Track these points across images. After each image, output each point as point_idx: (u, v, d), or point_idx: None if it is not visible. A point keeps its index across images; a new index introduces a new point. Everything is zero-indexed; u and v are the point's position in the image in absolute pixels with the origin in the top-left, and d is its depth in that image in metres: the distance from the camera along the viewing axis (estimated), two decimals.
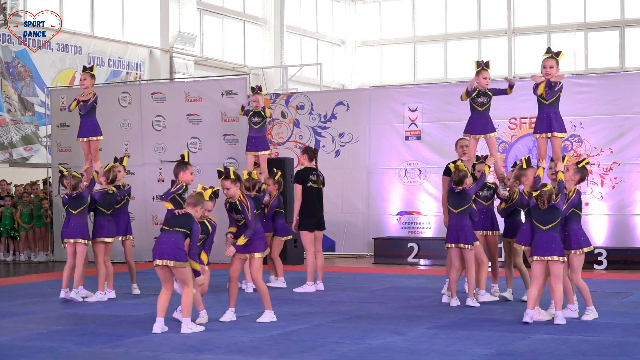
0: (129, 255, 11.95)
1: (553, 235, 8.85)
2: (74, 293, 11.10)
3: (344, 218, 17.66)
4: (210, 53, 27.95)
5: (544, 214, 8.86)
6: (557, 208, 8.86)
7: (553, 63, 9.95)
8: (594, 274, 14.34)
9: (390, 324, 8.96)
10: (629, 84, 15.90)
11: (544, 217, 8.87)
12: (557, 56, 10.02)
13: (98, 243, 11.38)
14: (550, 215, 8.85)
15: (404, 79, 31.98)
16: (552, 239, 8.83)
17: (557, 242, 8.85)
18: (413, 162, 17.22)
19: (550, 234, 8.84)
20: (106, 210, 11.47)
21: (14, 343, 8.15)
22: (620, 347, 7.63)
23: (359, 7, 34.14)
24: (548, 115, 9.86)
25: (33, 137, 21.46)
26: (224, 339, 8.19)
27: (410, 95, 17.45)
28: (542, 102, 9.97)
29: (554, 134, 9.83)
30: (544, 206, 8.83)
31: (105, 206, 11.45)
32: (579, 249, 9.03)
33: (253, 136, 13.80)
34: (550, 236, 8.84)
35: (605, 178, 15.75)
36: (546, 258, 8.81)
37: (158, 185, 16.95)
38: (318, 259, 12.25)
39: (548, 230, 8.85)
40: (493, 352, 7.46)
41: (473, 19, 32.38)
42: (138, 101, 17.39)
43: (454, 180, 10.15)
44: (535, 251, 8.88)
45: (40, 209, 18.18)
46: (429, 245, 16.24)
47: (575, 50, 30.67)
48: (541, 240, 8.86)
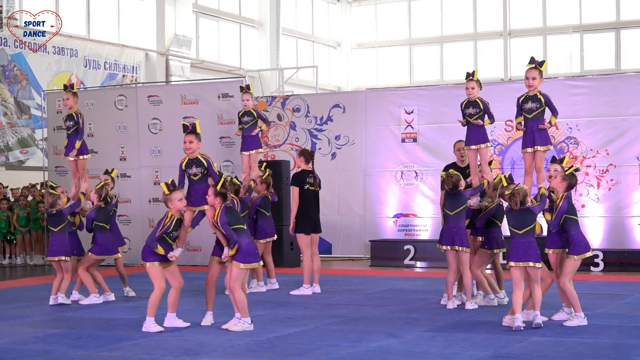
0: (119, 265, 11.96)
1: (529, 240, 8.70)
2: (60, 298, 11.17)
3: (340, 220, 17.66)
4: (206, 56, 27.94)
5: (519, 218, 8.73)
6: (532, 212, 8.74)
7: (536, 74, 9.86)
8: (591, 276, 14.34)
9: (387, 327, 8.96)
10: (625, 86, 15.92)
11: (518, 220, 8.74)
12: (540, 66, 9.89)
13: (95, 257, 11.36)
14: (525, 219, 8.72)
15: (400, 81, 31.99)
16: (529, 243, 8.69)
17: (533, 247, 8.69)
18: (409, 164, 17.22)
19: (526, 239, 8.70)
20: (105, 225, 11.44)
21: (11, 346, 8.15)
22: (616, 350, 7.64)
23: (355, 9, 34.16)
24: (532, 129, 9.86)
25: (29, 140, 21.44)
26: (221, 342, 8.19)
27: (406, 98, 17.46)
28: (526, 115, 9.93)
29: (537, 148, 9.88)
30: (516, 207, 8.71)
31: (103, 220, 11.41)
32: (575, 255, 8.87)
33: (245, 136, 13.83)
34: (526, 241, 8.69)
35: (601, 180, 15.76)
36: (522, 264, 8.67)
37: (154, 188, 16.95)
38: (314, 262, 12.24)
39: (524, 235, 8.71)
40: (490, 354, 7.46)
41: (469, 21, 32.40)
42: (134, 104, 17.39)
43: (448, 187, 10.07)
44: (512, 257, 8.73)
45: (37, 212, 18.16)
46: (426, 247, 16.23)
47: (571, 52, 30.71)
48: (517, 246, 8.72)
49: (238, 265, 8.75)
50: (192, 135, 9.55)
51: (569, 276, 8.92)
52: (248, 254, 8.76)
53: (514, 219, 8.78)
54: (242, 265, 8.75)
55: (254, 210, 12.34)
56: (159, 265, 8.95)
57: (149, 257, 8.95)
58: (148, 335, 8.59)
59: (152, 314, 8.92)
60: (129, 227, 16.99)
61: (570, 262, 8.89)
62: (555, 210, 8.90)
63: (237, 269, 8.78)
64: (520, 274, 8.72)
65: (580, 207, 15.82)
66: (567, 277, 8.91)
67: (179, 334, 8.67)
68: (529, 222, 8.73)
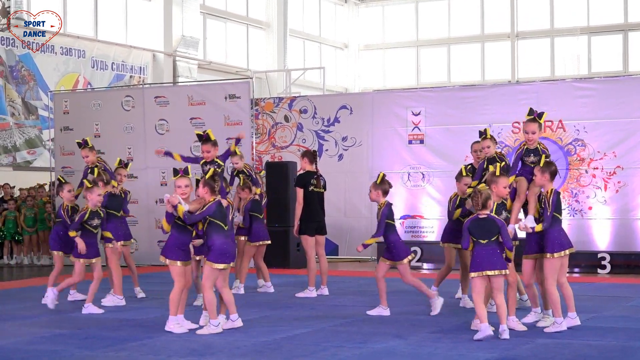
0: (128, 257, 11.92)
1: (492, 248, 8.33)
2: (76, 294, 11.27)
3: (347, 222, 17.65)
4: (214, 57, 27.98)
5: (482, 226, 8.33)
6: (493, 220, 8.35)
7: (536, 127, 9.27)
8: (597, 278, 14.32)
9: (393, 328, 8.95)
10: (633, 88, 15.89)
11: (481, 229, 8.34)
12: (539, 118, 9.32)
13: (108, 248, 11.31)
14: (490, 226, 8.33)
15: (407, 83, 32.01)
16: (492, 252, 8.32)
17: (497, 254, 8.33)
18: (416, 166, 17.21)
19: (490, 247, 8.32)
20: (116, 212, 11.34)
21: (17, 346, 8.16)
22: (623, 352, 7.62)
23: (362, 10, 34.17)
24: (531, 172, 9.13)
25: (36, 141, 21.49)
26: (227, 343, 8.19)
27: (413, 99, 17.45)
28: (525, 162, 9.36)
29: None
30: (477, 207, 8.36)
31: (114, 208, 11.35)
32: (550, 254, 8.55)
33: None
34: (490, 249, 8.32)
35: (608, 182, 15.73)
36: (486, 273, 8.29)
37: (161, 189, 16.97)
38: (321, 264, 12.19)
39: (487, 244, 8.32)
40: (496, 356, 7.45)
41: (476, 23, 32.39)
42: (141, 105, 17.42)
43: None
44: (476, 267, 8.32)
45: (44, 213, 18.21)
46: (432, 249, 16.20)
47: (579, 54, 30.67)
48: (481, 255, 8.33)
49: (210, 265, 8.74)
50: (209, 144, 9.70)
51: (552, 277, 8.58)
52: (221, 253, 8.72)
53: (477, 228, 8.36)
54: (214, 265, 8.73)
55: (248, 214, 12.09)
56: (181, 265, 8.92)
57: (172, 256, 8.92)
58: (154, 336, 8.60)
59: (174, 313, 8.88)
60: (135, 227, 16.91)
61: (547, 262, 8.59)
62: (548, 206, 8.59)
63: (208, 268, 8.76)
64: (482, 283, 8.36)
65: (587, 209, 15.80)
66: (550, 279, 8.58)
67: (185, 335, 8.68)
68: (494, 230, 8.34)
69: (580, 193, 15.88)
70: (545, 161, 8.79)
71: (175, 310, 8.87)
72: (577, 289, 11.32)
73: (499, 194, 8.84)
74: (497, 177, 8.88)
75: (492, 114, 16.41)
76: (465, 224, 8.53)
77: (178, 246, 8.89)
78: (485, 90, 17.53)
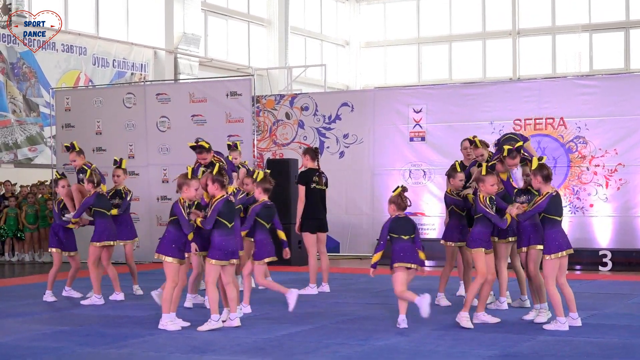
0: (129, 257, 11.95)
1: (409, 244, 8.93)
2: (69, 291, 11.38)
3: (348, 219, 17.65)
4: (215, 54, 27.97)
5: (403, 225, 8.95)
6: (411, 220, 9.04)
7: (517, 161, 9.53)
8: (599, 275, 14.32)
9: (394, 325, 8.95)
10: (634, 85, 15.88)
11: (405, 227, 8.95)
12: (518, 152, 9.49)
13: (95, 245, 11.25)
14: (411, 226, 8.99)
15: (408, 80, 31.98)
16: (414, 247, 8.93)
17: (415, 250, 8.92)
18: (417, 163, 17.21)
19: (411, 242, 8.95)
20: (105, 210, 11.10)
21: (18, 343, 8.17)
22: (625, 349, 7.62)
23: (364, 8, 34.14)
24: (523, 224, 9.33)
25: (38, 138, 21.49)
26: (228, 340, 8.19)
27: (414, 97, 17.44)
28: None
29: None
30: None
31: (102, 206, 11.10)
32: (547, 255, 8.62)
33: None
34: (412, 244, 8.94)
35: (610, 179, 15.73)
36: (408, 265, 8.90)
37: (162, 186, 17.00)
38: (323, 261, 12.20)
39: (409, 240, 8.95)
40: (497, 353, 7.45)
41: (477, 20, 32.36)
42: (143, 102, 17.42)
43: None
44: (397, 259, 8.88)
45: (45, 210, 18.21)
46: (433, 246, 16.15)
47: (580, 51, 30.65)
48: (404, 249, 8.90)
49: (209, 261, 8.79)
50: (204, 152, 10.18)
51: (551, 278, 8.64)
52: (220, 250, 8.75)
53: (400, 226, 8.93)
54: (213, 262, 8.76)
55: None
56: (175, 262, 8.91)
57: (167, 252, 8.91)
58: (155, 333, 8.60)
59: (167, 310, 8.90)
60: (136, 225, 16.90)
61: (545, 263, 8.67)
62: (532, 204, 8.75)
63: (208, 265, 8.82)
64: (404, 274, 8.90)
65: (588, 206, 15.80)
66: (549, 280, 8.65)
67: (187, 332, 8.68)
68: (414, 228, 8.99)
69: (582, 190, 15.88)
70: (539, 164, 8.80)
71: (168, 308, 8.87)
72: (578, 287, 11.35)
73: (487, 192, 9.09)
74: (484, 176, 9.11)
75: (493, 111, 16.41)
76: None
77: (174, 243, 8.90)
78: (486, 87, 17.53)
